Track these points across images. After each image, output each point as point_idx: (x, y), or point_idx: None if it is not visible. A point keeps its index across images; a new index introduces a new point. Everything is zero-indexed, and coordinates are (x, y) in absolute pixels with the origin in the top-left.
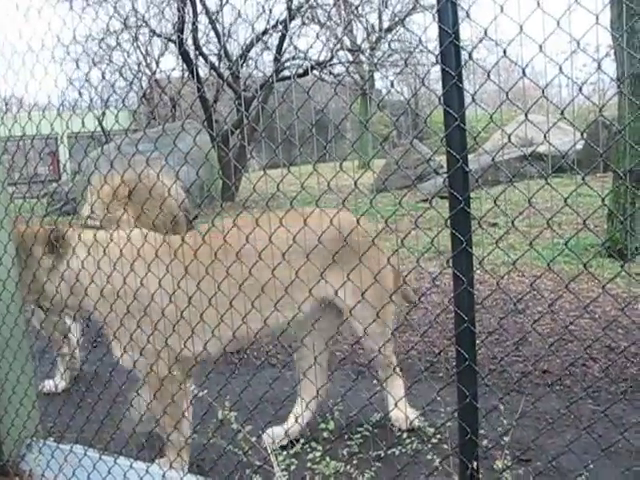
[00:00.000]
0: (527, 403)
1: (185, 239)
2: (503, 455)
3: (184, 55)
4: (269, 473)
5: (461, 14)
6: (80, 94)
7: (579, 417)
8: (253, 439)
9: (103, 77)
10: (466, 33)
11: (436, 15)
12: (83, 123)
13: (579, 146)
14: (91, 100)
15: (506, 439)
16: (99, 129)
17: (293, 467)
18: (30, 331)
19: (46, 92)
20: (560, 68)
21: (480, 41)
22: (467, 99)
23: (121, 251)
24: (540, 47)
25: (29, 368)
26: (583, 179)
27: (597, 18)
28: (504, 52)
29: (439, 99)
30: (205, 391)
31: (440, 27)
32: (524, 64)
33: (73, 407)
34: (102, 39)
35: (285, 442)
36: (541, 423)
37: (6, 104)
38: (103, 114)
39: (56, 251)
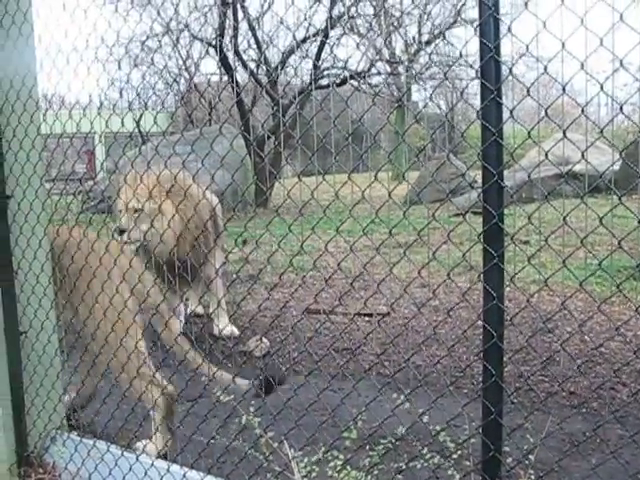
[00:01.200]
0: (553, 424)
1: None
2: (527, 475)
3: (223, 60)
4: (289, 479)
5: (502, 29)
6: (121, 94)
7: (606, 441)
8: (275, 445)
9: (143, 79)
10: (506, 49)
11: (477, 29)
12: (122, 123)
13: (616, 166)
14: (130, 101)
15: (530, 459)
16: (137, 129)
17: (314, 474)
18: (60, 325)
19: (87, 91)
20: (601, 87)
21: (521, 57)
22: (505, 114)
23: None
24: (582, 65)
25: (57, 362)
26: (620, 199)
27: None
28: (545, 68)
29: (477, 113)
30: (232, 396)
31: (481, 41)
32: (564, 81)
33: (98, 403)
34: (144, 42)
35: None
36: (566, 445)
37: (49, 102)
38: (141, 115)
39: None
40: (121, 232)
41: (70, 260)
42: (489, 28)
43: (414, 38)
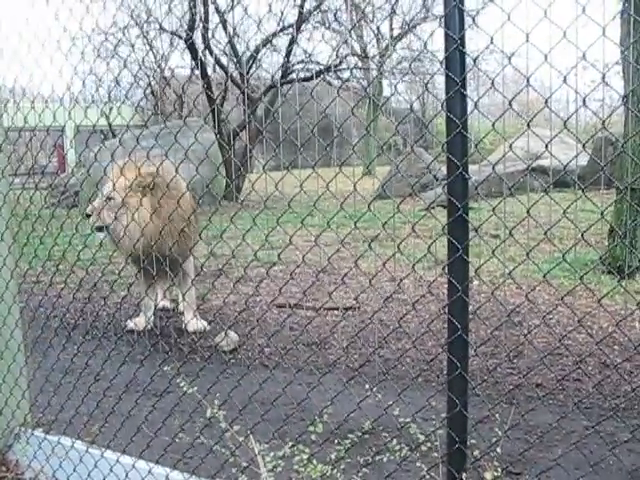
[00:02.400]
0: (519, 416)
1: None
2: (492, 467)
3: (192, 52)
4: (255, 474)
5: (468, 22)
6: (84, 85)
7: (570, 432)
8: (241, 439)
9: (108, 68)
10: (474, 44)
11: (442, 20)
12: (86, 114)
13: (584, 162)
14: (96, 91)
15: (496, 451)
16: (104, 123)
17: (280, 469)
18: (24, 320)
19: (50, 83)
20: (564, 79)
21: (486, 48)
22: (472, 109)
23: None
24: (545, 57)
25: (20, 357)
26: (583, 191)
27: (604, 30)
28: (509, 60)
29: (442, 105)
30: (195, 388)
31: (446, 32)
32: (530, 75)
33: (63, 398)
34: (107, 33)
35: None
36: (532, 436)
37: (11, 93)
38: (110, 109)
39: None
40: (87, 216)
41: None
42: (454, 20)
43: (383, 33)
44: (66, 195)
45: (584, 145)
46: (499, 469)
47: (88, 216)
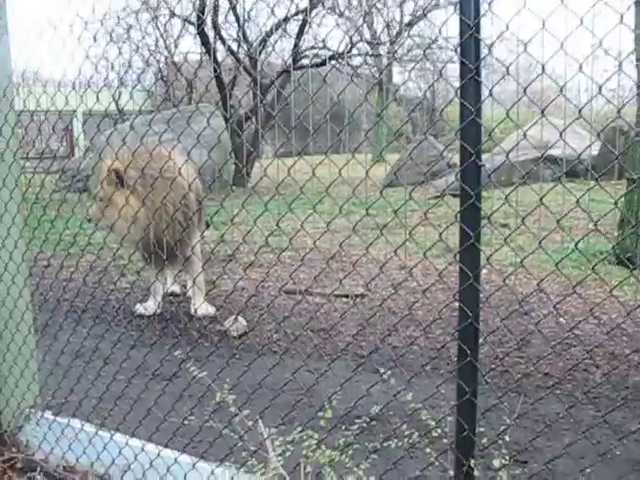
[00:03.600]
0: (527, 405)
1: None
2: (500, 454)
3: (202, 37)
4: (264, 458)
5: (483, 9)
6: (97, 70)
7: (578, 422)
8: (250, 423)
9: (120, 53)
10: (488, 31)
11: (457, 7)
12: (98, 98)
13: (595, 152)
14: (107, 76)
15: (504, 439)
16: (114, 107)
17: (288, 453)
18: (34, 304)
19: (62, 67)
20: (580, 67)
21: (500, 35)
22: (485, 97)
23: None
24: (561, 45)
25: (31, 340)
26: (597, 181)
27: (622, 18)
28: (525, 48)
29: (455, 92)
30: (205, 373)
31: (461, 19)
32: (544, 62)
33: (73, 381)
34: (120, 17)
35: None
36: (540, 425)
37: (22, 77)
38: (120, 93)
39: None
40: (89, 221)
41: None
42: (469, 6)
43: (395, 19)
44: (77, 178)
45: (599, 134)
46: (507, 457)
47: (90, 220)
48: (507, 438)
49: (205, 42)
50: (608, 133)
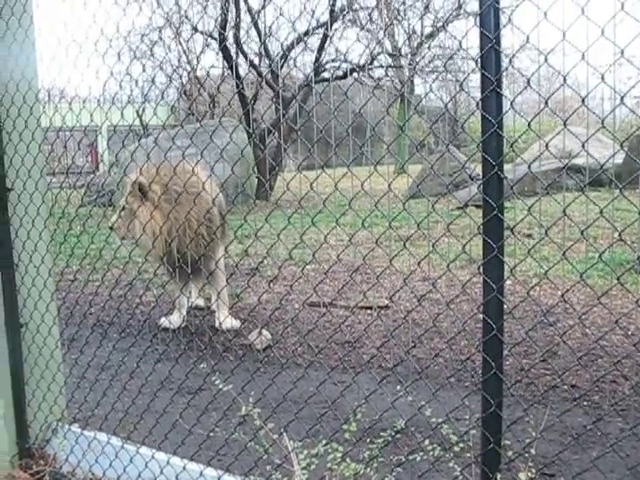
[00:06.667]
0: (553, 417)
1: None
2: (527, 468)
3: (224, 52)
4: (289, 471)
5: (503, 20)
6: (121, 86)
7: (606, 434)
8: (275, 436)
9: (144, 70)
10: (508, 41)
11: (477, 19)
12: (122, 115)
13: (619, 160)
14: (131, 92)
15: (530, 452)
16: (138, 122)
17: (313, 466)
18: (61, 318)
19: (87, 84)
20: (602, 77)
21: (521, 47)
22: (506, 108)
23: None
24: (583, 55)
25: (58, 354)
26: (621, 191)
27: None
28: (545, 59)
29: (477, 104)
30: (230, 386)
31: (481, 31)
32: (566, 73)
33: (99, 395)
34: (144, 34)
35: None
36: (567, 438)
37: (48, 94)
38: (143, 109)
39: None
40: (111, 229)
41: None
42: (489, 18)
43: (415, 30)
44: (102, 193)
45: (622, 144)
46: (533, 470)
47: (112, 228)
48: (533, 451)
49: (227, 57)
50: (632, 141)
